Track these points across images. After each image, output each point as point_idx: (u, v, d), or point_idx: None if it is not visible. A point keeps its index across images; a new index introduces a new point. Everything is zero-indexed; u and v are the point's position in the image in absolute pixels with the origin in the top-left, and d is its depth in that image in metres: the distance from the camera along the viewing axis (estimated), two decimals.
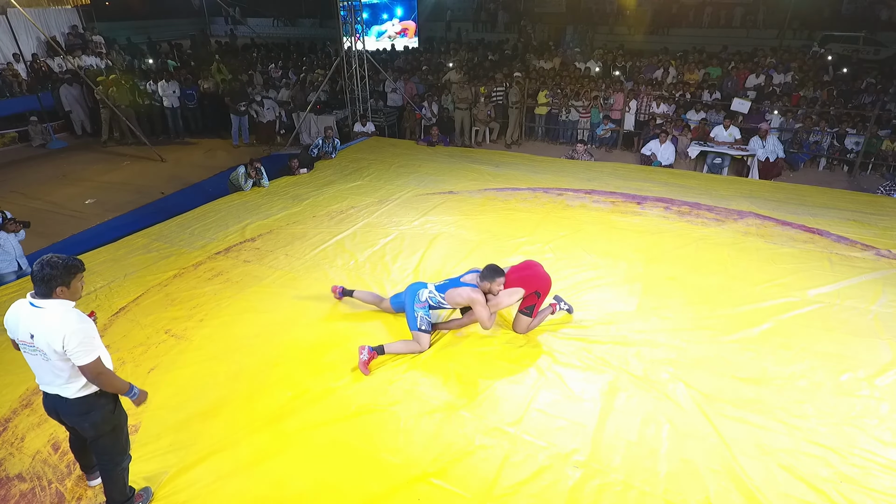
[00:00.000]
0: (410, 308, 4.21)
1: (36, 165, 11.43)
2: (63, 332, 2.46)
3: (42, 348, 2.53)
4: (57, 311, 2.50)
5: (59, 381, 2.62)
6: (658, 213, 6.92)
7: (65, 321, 2.48)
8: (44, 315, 2.50)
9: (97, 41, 17.76)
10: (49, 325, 2.48)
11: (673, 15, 23.53)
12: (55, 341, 2.47)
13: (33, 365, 2.66)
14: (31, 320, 2.52)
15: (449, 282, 4.32)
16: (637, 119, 11.94)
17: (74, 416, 2.69)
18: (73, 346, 2.47)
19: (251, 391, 3.83)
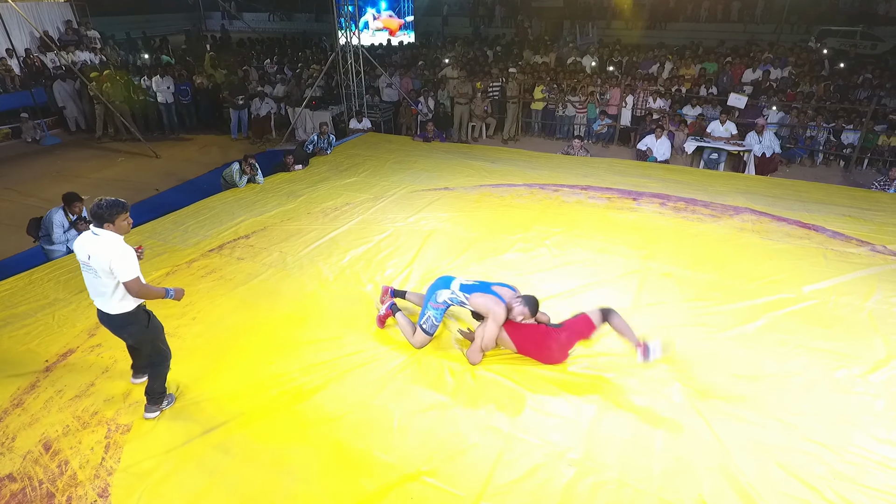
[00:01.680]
0: (425, 303, 4.19)
1: (29, 162, 11.36)
2: (111, 255, 3.14)
3: (94, 267, 3.20)
4: (107, 239, 3.19)
5: (103, 297, 3.30)
6: (654, 209, 6.90)
7: (112, 247, 3.16)
8: (98, 241, 3.19)
9: (91, 36, 17.62)
10: (101, 248, 3.16)
11: (670, 9, 23.50)
12: (104, 261, 3.15)
13: (88, 282, 3.34)
14: (89, 244, 3.21)
15: (480, 285, 4.14)
16: (633, 114, 11.92)
17: (115, 328, 3.45)
18: (117, 266, 3.15)
19: (244, 390, 3.81)
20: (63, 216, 5.85)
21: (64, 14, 17.88)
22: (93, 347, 4.23)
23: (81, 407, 3.62)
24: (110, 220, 3.19)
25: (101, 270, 3.18)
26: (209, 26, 28.09)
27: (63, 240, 5.88)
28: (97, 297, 3.34)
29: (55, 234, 5.81)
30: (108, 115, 12.37)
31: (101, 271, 3.19)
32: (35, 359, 4.11)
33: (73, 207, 5.81)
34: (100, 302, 3.35)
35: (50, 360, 4.08)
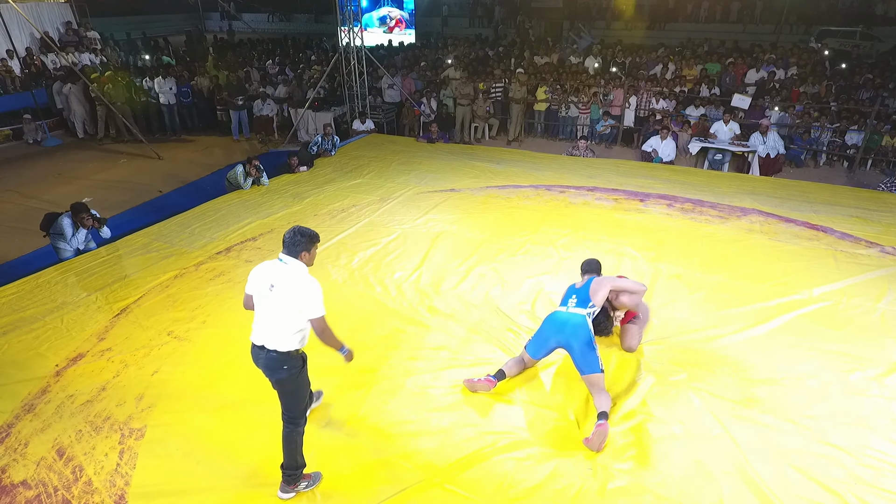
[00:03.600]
0: (587, 346, 3.62)
1: (31, 163, 11.30)
2: (304, 289, 2.91)
3: (278, 297, 2.93)
4: (299, 270, 2.96)
5: (275, 331, 2.98)
6: (661, 211, 6.89)
7: (305, 279, 2.94)
8: (285, 270, 2.95)
9: (92, 37, 17.56)
10: (291, 278, 2.93)
11: (670, 10, 23.51)
12: (293, 292, 2.91)
13: (262, 314, 3.04)
14: (276, 273, 2.97)
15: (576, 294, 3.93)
16: (637, 115, 11.91)
17: (269, 368, 3.06)
18: (310, 302, 2.92)
19: (256, 394, 3.77)
20: (70, 222, 5.82)
21: (64, 15, 17.81)
22: (102, 352, 4.20)
23: (94, 412, 3.59)
24: (307, 249, 2.99)
25: (286, 303, 2.92)
26: (208, 27, 28.04)
27: (74, 244, 5.87)
28: (267, 330, 3.01)
29: (66, 234, 5.80)
30: (110, 116, 12.32)
31: (285, 304, 2.92)
32: (45, 363, 4.08)
33: (80, 217, 5.79)
34: (266, 337, 3.02)
35: (60, 365, 4.05)
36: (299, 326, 2.98)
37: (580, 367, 3.63)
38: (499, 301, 4.93)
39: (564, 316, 3.81)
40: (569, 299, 3.92)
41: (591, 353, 3.60)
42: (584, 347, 3.61)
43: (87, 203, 6.03)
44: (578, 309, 3.79)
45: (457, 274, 5.38)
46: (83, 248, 5.99)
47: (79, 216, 5.81)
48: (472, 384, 3.77)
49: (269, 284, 3.00)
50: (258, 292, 3.06)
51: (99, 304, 4.89)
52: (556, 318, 3.85)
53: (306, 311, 2.94)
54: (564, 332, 3.71)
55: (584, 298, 3.85)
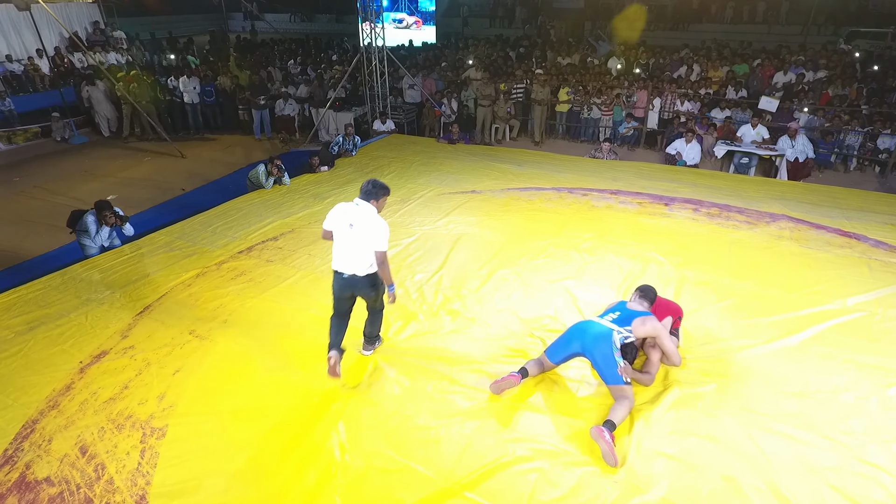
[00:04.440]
0: (610, 359, 3.53)
1: (58, 161, 11.50)
2: (375, 224, 3.63)
3: (357, 233, 3.63)
4: (373, 212, 3.67)
5: (356, 262, 3.71)
6: (687, 215, 6.75)
7: (377, 219, 3.67)
8: (364, 211, 3.66)
9: (118, 37, 17.84)
10: (367, 218, 3.65)
11: (693, 11, 23.15)
12: (369, 228, 3.61)
13: (343, 249, 3.72)
14: (354, 214, 3.67)
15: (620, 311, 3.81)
16: (661, 117, 11.72)
17: (354, 287, 3.82)
18: (379, 235, 3.62)
19: (277, 396, 3.76)
20: (94, 220, 5.92)
21: (91, 15, 18.14)
22: (126, 349, 4.22)
23: (116, 410, 3.60)
24: (376, 197, 3.69)
25: (363, 238, 3.62)
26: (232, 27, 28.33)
27: (98, 241, 5.96)
28: (349, 260, 3.71)
29: (90, 231, 5.92)
30: (135, 115, 12.50)
31: (363, 238, 3.63)
32: (69, 360, 4.11)
33: (103, 215, 5.90)
34: (349, 265, 3.72)
35: (84, 362, 4.08)
36: (377, 254, 3.68)
37: (604, 376, 3.55)
38: (521, 305, 4.85)
39: (591, 324, 3.73)
40: (610, 313, 3.82)
41: (612, 363, 3.51)
42: (606, 357, 3.53)
43: (111, 200, 6.11)
44: (612, 325, 3.69)
45: (478, 277, 5.32)
46: (108, 245, 6.08)
47: (102, 213, 5.90)
48: (498, 385, 3.70)
49: (348, 223, 3.66)
50: (338, 229, 3.72)
51: (122, 301, 4.93)
52: (582, 326, 3.77)
53: (375, 245, 3.63)
54: (585, 339, 3.64)
55: (625, 321, 3.74)
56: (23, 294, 5.03)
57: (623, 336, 3.65)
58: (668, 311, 4.18)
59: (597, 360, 3.57)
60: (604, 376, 3.55)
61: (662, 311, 4.15)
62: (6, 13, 14.70)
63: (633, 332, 3.70)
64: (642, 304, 3.97)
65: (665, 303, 4.28)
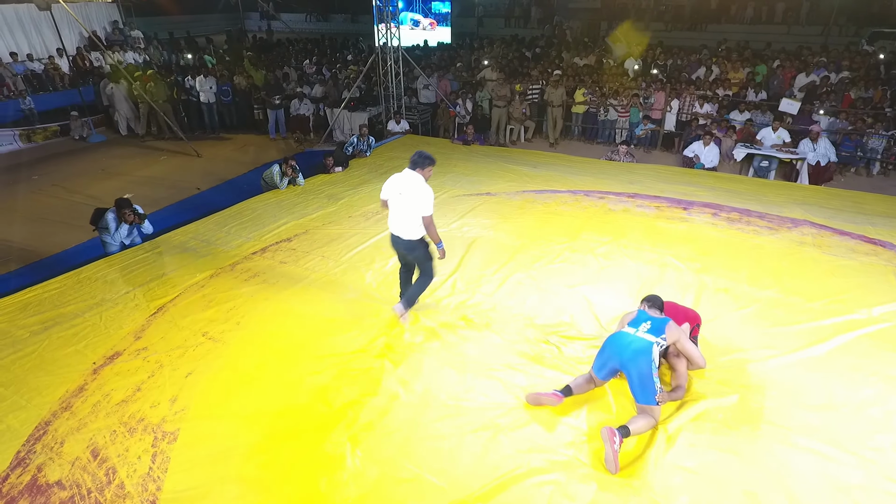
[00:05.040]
0: (648, 379, 3.41)
1: (76, 159, 11.61)
2: (421, 190, 4.11)
3: (405, 200, 4.15)
4: (419, 179, 4.16)
5: (403, 225, 4.24)
6: (706, 220, 6.62)
7: (423, 186, 4.15)
8: (412, 179, 4.16)
9: (136, 36, 18.04)
10: (414, 185, 4.14)
11: (712, 11, 22.84)
12: (415, 194, 4.11)
13: (394, 213, 4.29)
14: (404, 182, 4.19)
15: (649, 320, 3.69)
16: (678, 119, 11.55)
17: (405, 249, 4.38)
18: (424, 201, 4.10)
19: (289, 402, 3.73)
20: (114, 217, 5.98)
21: (110, 14, 18.37)
22: (139, 351, 4.22)
23: (128, 413, 3.59)
24: (423, 167, 4.15)
25: (412, 202, 4.11)
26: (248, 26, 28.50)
27: (117, 239, 6.02)
28: (400, 223, 4.25)
29: (110, 228, 5.97)
30: (152, 114, 12.59)
31: (411, 202, 4.11)
32: (83, 360, 4.11)
33: (122, 212, 5.97)
34: (400, 229, 4.27)
35: (97, 363, 4.08)
36: (419, 221, 4.17)
37: (635, 393, 3.45)
38: (536, 311, 4.78)
39: (630, 337, 3.59)
40: (642, 323, 3.70)
41: (650, 383, 3.40)
42: (644, 375, 3.42)
43: (128, 198, 6.14)
44: (649, 335, 3.58)
45: (492, 281, 5.25)
46: (128, 242, 6.15)
47: (122, 211, 5.97)
48: (538, 397, 3.62)
49: (398, 191, 4.17)
50: (391, 197, 4.26)
51: (136, 301, 4.93)
52: (620, 338, 3.64)
53: (421, 210, 4.11)
54: (625, 354, 3.51)
55: (658, 329, 3.63)
56: (38, 293, 5.06)
57: (660, 346, 3.56)
58: (685, 318, 4.08)
59: (633, 376, 3.46)
60: (636, 394, 3.45)
61: (680, 317, 4.05)
62: (27, 13, 14.93)
63: (667, 339, 3.61)
64: (655, 312, 3.87)
65: (682, 310, 4.18)
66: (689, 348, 3.75)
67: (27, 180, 10.26)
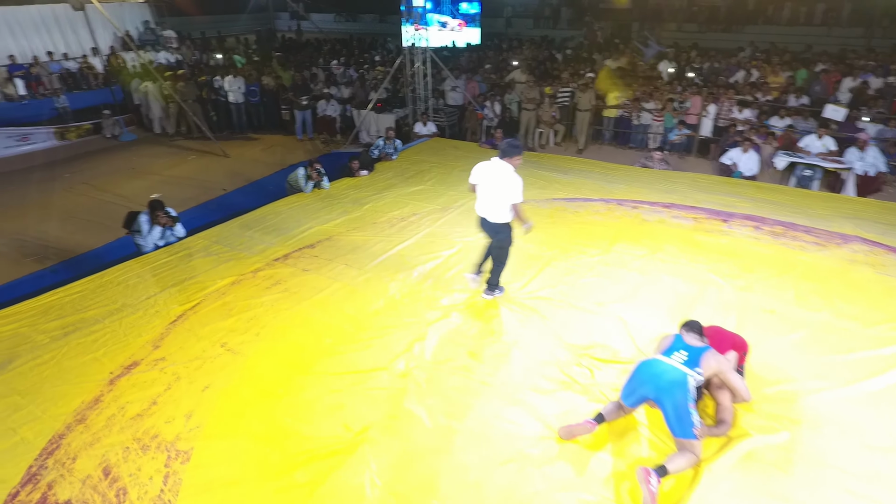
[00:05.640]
0: (684, 410, 3.14)
1: (107, 157, 11.75)
2: (509, 180, 4.34)
3: (493, 186, 4.42)
4: (508, 169, 4.39)
5: (488, 209, 4.54)
6: (747, 233, 6.27)
7: (511, 175, 4.36)
8: (500, 168, 4.39)
9: (168, 36, 18.23)
10: (503, 173, 4.38)
11: (748, 11, 22.11)
12: (503, 183, 4.36)
13: (482, 197, 4.58)
14: (492, 170, 4.44)
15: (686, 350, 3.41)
16: (715, 124, 11.13)
17: (491, 231, 4.68)
18: (513, 190, 4.34)
19: (306, 423, 3.56)
20: (147, 219, 5.98)
21: (143, 14, 18.61)
22: (156, 361, 4.11)
23: (142, 428, 3.47)
24: (510, 156, 4.35)
25: (498, 190, 4.35)
26: (278, 26, 28.66)
27: (150, 241, 6.02)
28: (488, 208, 4.52)
29: (143, 230, 5.97)
30: (182, 113, 12.66)
31: (498, 191, 4.35)
32: (100, 369, 4.03)
33: (155, 214, 5.97)
34: (487, 212, 4.54)
35: (114, 373, 3.98)
36: (507, 206, 4.41)
37: (672, 427, 3.19)
38: (567, 329, 4.53)
39: (663, 366, 3.34)
40: (675, 352, 3.43)
41: (686, 416, 3.13)
42: (679, 408, 3.15)
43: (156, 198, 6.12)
44: (684, 367, 3.31)
45: (521, 296, 5.02)
46: (162, 244, 6.13)
47: (154, 213, 5.97)
48: (570, 430, 3.37)
49: (487, 177, 4.43)
50: (480, 182, 4.54)
51: (157, 308, 4.84)
52: (652, 366, 3.38)
53: (511, 198, 4.37)
54: (659, 384, 3.25)
55: (694, 360, 3.35)
56: (61, 297, 5.02)
57: (696, 380, 3.28)
58: (730, 345, 3.80)
59: (668, 409, 3.19)
60: (673, 427, 3.18)
61: (725, 344, 3.77)
62: (64, 12, 15.18)
63: (703, 373, 3.33)
64: (695, 338, 3.58)
65: (727, 335, 3.89)
66: (734, 380, 3.47)
67: (60, 178, 10.41)
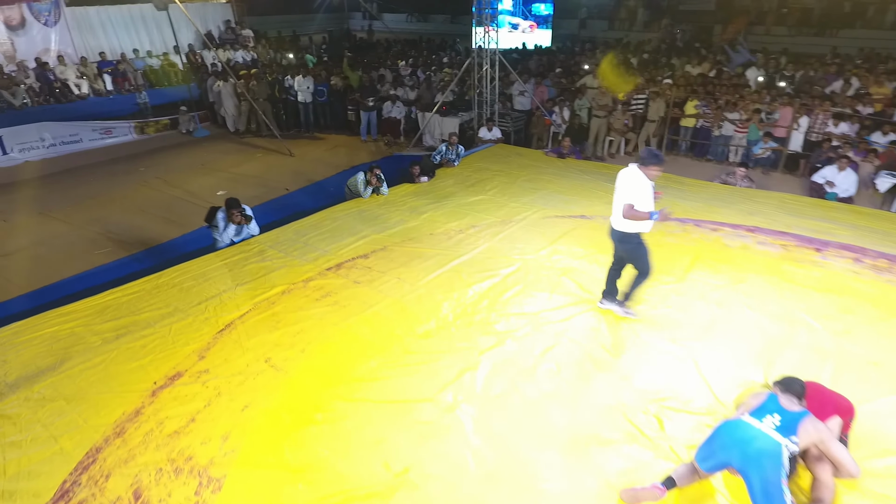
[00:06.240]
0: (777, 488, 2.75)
1: (180, 152, 12.15)
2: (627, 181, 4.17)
3: (616, 191, 4.26)
4: (636, 174, 4.15)
5: (614, 215, 4.34)
6: (846, 266, 5.56)
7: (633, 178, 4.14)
8: (633, 174, 4.17)
9: (246, 35, 18.79)
10: (631, 179, 4.16)
11: (845, 14, 20.32)
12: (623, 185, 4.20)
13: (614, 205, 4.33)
14: (625, 176, 4.23)
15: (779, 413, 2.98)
16: (806, 139, 10.17)
17: (616, 241, 4.45)
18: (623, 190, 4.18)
19: (343, 455, 3.34)
20: (223, 216, 6.08)
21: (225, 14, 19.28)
22: (200, 373, 4.02)
23: (178, 448, 3.36)
24: (645, 164, 4.11)
25: (618, 192, 4.21)
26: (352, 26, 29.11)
27: (225, 238, 6.14)
28: (613, 213, 4.33)
29: (219, 227, 6.10)
30: (252, 111, 12.95)
31: (618, 193, 4.22)
32: (145, 378, 3.98)
33: (230, 212, 6.04)
34: (612, 218, 4.37)
35: (158, 383, 3.92)
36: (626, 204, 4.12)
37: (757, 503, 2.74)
38: (633, 369, 4.10)
39: (752, 431, 2.90)
40: (768, 414, 2.98)
41: (777, 492, 2.68)
42: (769, 483, 2.71)
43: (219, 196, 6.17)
44: (777, 434, 2.86)
45: (584, 326, 4.63)
46: (237, 241, 6.24)
47: (230, 211, 6.07)
48: (634, 494, 2.99)
49: (618, 184, 4.24)
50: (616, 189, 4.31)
51: (207, 314, 4.79)
52: (739, 429, 2.94)
53: (619, 198, 4.20)
54: (746, 452, 2.82)
55: (790, 426, 2.89)
56: (118, 296, 5.07)
57: (791, 450, 2.82)
58: (833, 408, 3.26)
59: (755, 482, 2.76)
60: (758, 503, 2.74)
61: (827, 407, 3.24)
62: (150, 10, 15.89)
63: (800, 442, 2.86)
64: (792, 401, 3.08)
65: (829, 396, 3.36)
66: (837, 451, 2.95)
67: (135, 171, 10.83)
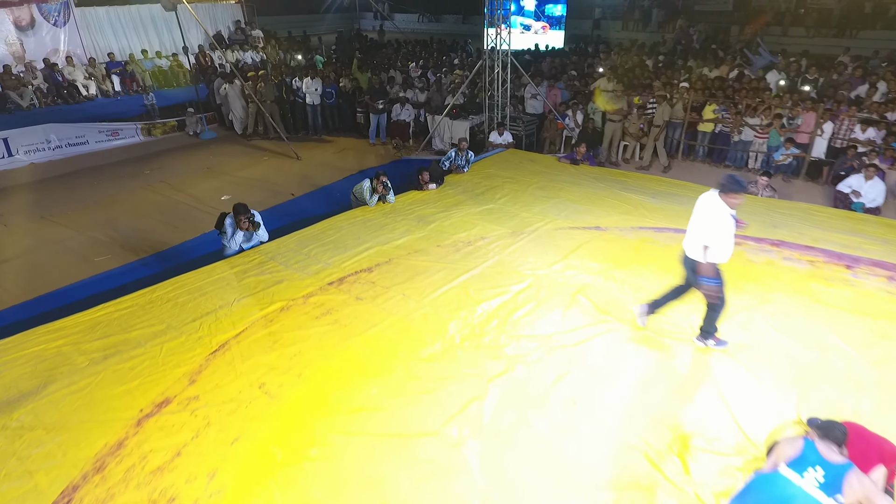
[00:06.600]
0: None
1: (187, 155, 11.96)
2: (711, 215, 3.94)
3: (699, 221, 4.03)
4: (717, 204, 3.92)
5: (687, 242, 4.14)
6: (879, 285, 5.22)
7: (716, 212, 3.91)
8: (710, 200, 3.98)
9: (256, 35, 18.62)
10: (709, 206, 3.97)
11: (866, 14, 19.76)
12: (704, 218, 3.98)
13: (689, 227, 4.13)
14: (705, 200, 4.03)
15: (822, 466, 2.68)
16: (830, 145, 9.77)
17: (689, 268, 4.19)
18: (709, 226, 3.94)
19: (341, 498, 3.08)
20: (232, 223, 5.99)
21: (235, 14, 19.13)
22: (189, 400, 3.78)
23: (160, 487, 3.11)
24: (725, 192, 3.90)
25: (698, 223, 4.00)
26: (363, 26, 28.94)
27: (233, 244, 6.04)
28: (687, 239, 4.13)
29: (227, 233, 6.02)
30: (260, 113, 12.76)
31: (698, 224, 4.00)
32: (131, 405, 3.74)
33: (239, 219, 5.92)
34: (686, 244, 4.14)
35: (144, 411, 3.68)
36: (702, 244, 3.96)
37: None
38: (654, 400, 3.81)
39: (792, 489, 2.62)
40: (810, 467, 2.68)
41: None
42: None
43: (224, 201, 5.99)
44: (821, 494, 2.57)
45: (600, 350, 4.33)
46: (247, 247, 6.12)
47: (238, 217, 5.94)
48: None
49: (697, 210, 4.05)
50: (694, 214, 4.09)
51: (201, 333, 4.55)
52: (778, 485, 2.66)
53: (704, 233, 3.96)
54: None
55: (834, 483, 2.60)
56: (110, 312, 4.85)
57: None
58: (877, 456, 2.95)
59: None
60: None
61: (870, 455, 2.93)
62: (159, 12, 15.78)
63: (844, 500, 2.55)
64: (833, 449, 2.77)
65: (872, 440, 3.05)
66: None
67: (140, 174, 10.66)
